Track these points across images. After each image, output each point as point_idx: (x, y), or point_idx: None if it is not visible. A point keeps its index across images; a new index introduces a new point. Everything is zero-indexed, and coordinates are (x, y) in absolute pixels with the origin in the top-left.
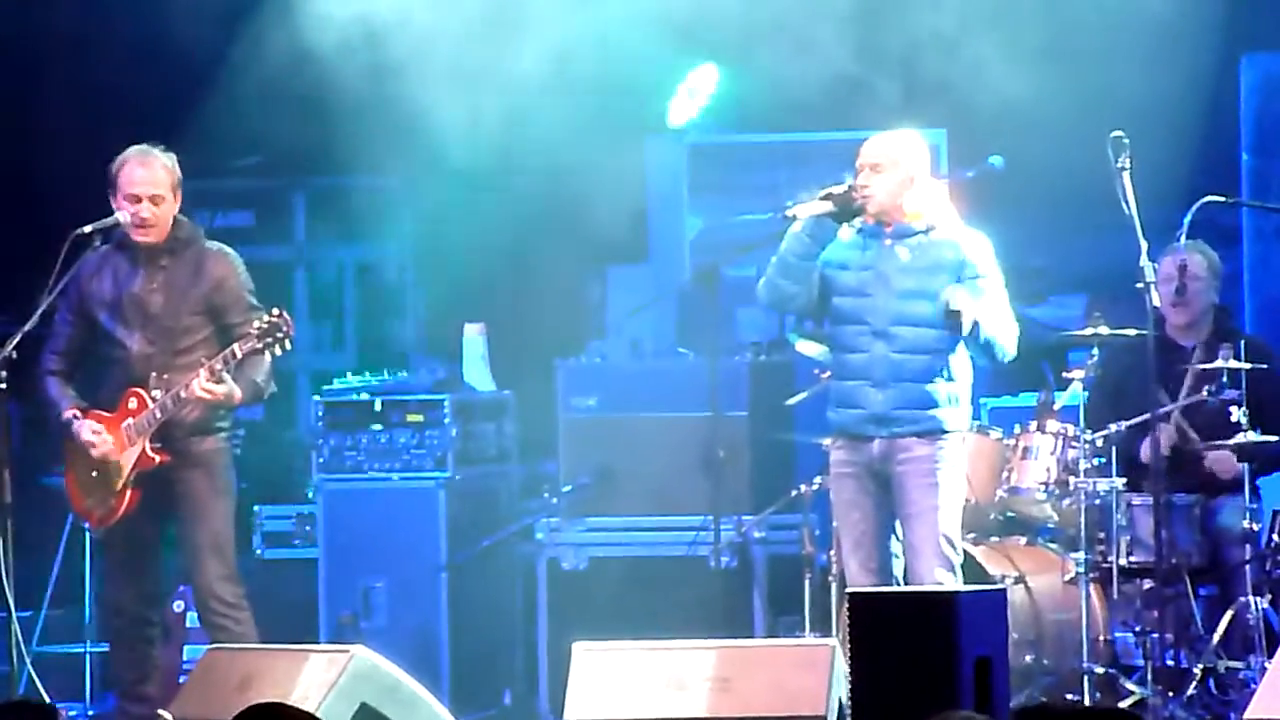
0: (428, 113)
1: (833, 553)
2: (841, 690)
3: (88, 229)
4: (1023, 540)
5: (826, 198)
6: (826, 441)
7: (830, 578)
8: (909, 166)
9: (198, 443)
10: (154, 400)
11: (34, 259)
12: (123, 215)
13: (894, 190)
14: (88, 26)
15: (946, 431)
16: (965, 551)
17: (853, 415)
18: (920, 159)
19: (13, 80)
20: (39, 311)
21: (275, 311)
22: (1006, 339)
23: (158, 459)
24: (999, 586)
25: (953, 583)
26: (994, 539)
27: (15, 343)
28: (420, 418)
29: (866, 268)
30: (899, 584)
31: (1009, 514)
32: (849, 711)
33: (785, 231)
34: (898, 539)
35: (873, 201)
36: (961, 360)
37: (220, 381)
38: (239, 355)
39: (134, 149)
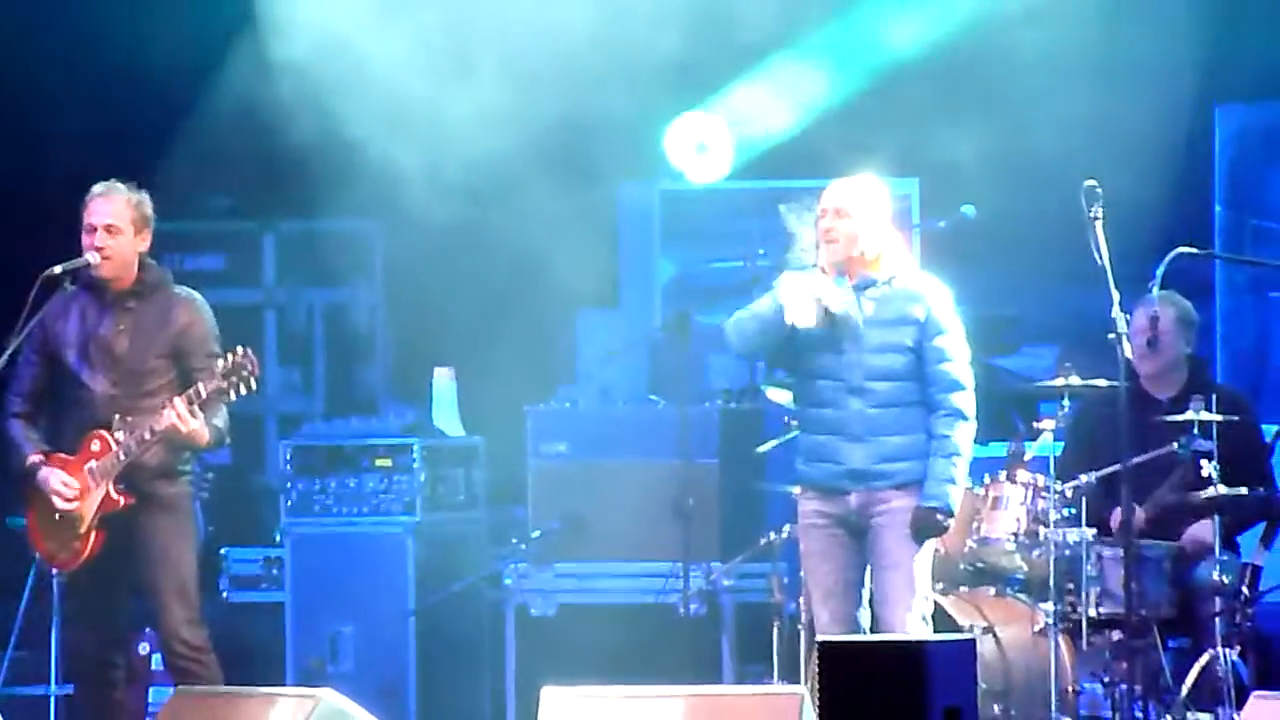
0: (398, 156)
1: (802, 600)
2: None
3: (57, 270)
4: (992, 590)
5: (818, 311)
6: (796, 490)
7: (799, 626)
8: (872, 212)
9: (162, 486)
10: (118, 442)
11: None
12: (91, 255)
13: (857, 236)
14: (53, 65)
15: (921, 481)
16: (935, 602)
17: (827, 470)
18: (882, 205)
19: None
20: (7, 353)
21: (239, 351)
22: (969, 454)
23: (122, 501)
24: (968, 636)
25: (924, 633)
26: (963, 589)
27: None
28: (389, 462)
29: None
30: (865, 633)
31: (978, 564)
32: None
33: (757, 279)
34: (863, 589)
35: (836, 248)
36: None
37: (194, 415)
38: (204, 394)
39: (100, 184)
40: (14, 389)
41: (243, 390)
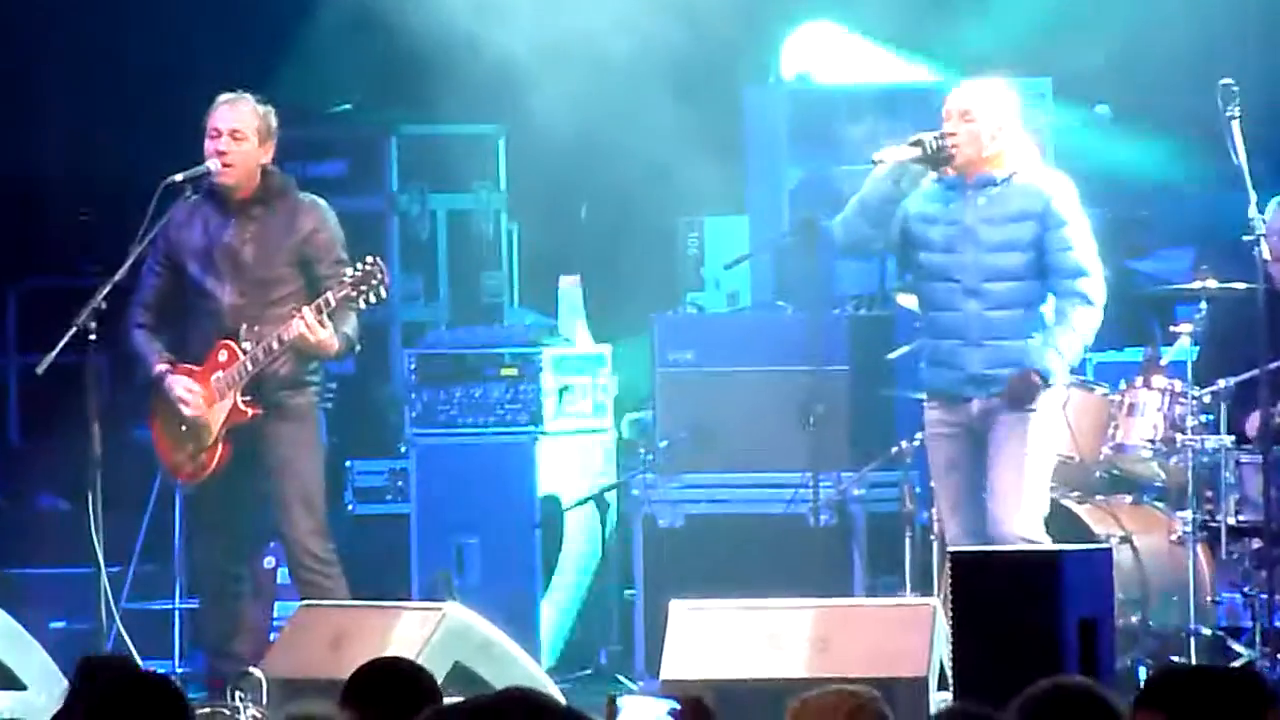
0: (524, 58)
1: (934, 511)
2: (943, 652)
3: (178, 177)
4: (1128, 499)
5: (916, 144)
6: (923, 396)
7: (931, 536)
8: (998, 116)
9: (289, 396)
10: (245, 352)
11: (124, 207)
12: (212, 163)
13: (983, 140)
14: None
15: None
16: (1069, 510)
17: (949, 376)
18: (1010, 108)
19: (102, 30)
20: (129, 262)
21: (369, 260)
22: (1089, 339)
23: (249, 413)
24: (1104, 546)
25: (1033, 532)
26: (1099, 497)
27: (105, 293)
28: (515, 372)
29: (952, 222)
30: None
31: (1114, 472)
32: (950, 673)
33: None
34: None
35: (960, 151)
36: (1052, 308)
37: (323, 325)
38: (333, 303)
39: (226, 94)
40: (137, 299)
41: (372, 299)
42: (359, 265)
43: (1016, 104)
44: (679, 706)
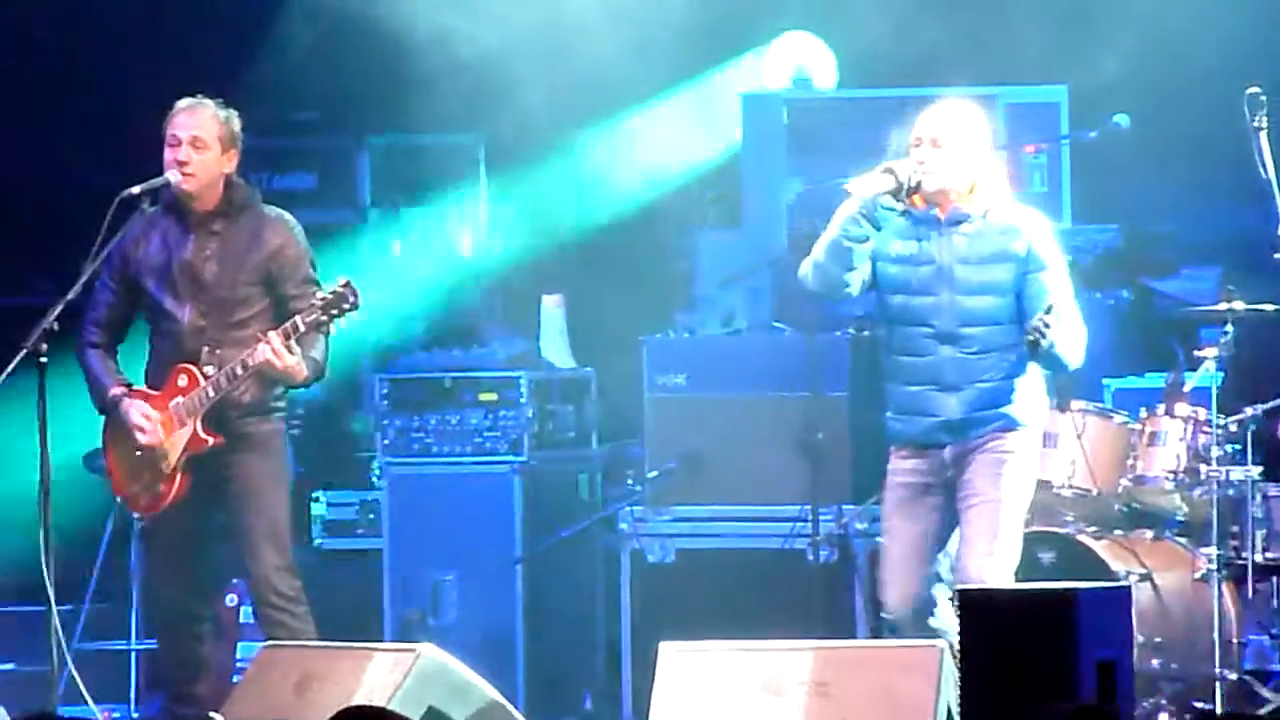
0: (505, 63)
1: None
2: (951, 697)
3: (136, 189)
4: (1149, 534)
5: (888, 172)
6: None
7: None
8: (972, 142)
9: (253, 424)
10: (206, 377)
11: (77, 222)
12: (172, 174)
13: (956, 169)
14: None
15: (1021, 425)
16: (1086, 546)
17: (922, 424)
18: (983, 134)
19: (52, 34)
20: (82, 279)
21: (342, 281)
22: (1075, 351)
23: (210, 441)
24: (1123, 584)
25: (1004, 582)
26: (1118, 532)
27: (57, 313)
28: (494, 397)
29: (925, 262)
30: (933, 599)
31: (1134, 505)
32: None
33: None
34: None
35: (932, 179)
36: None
37: (291, 351)
38: (302, 328)
39: (185, 99)
40: (90, 317)
41: (343, 323)
42: (330, 287)
43: (988, 128)
44: None
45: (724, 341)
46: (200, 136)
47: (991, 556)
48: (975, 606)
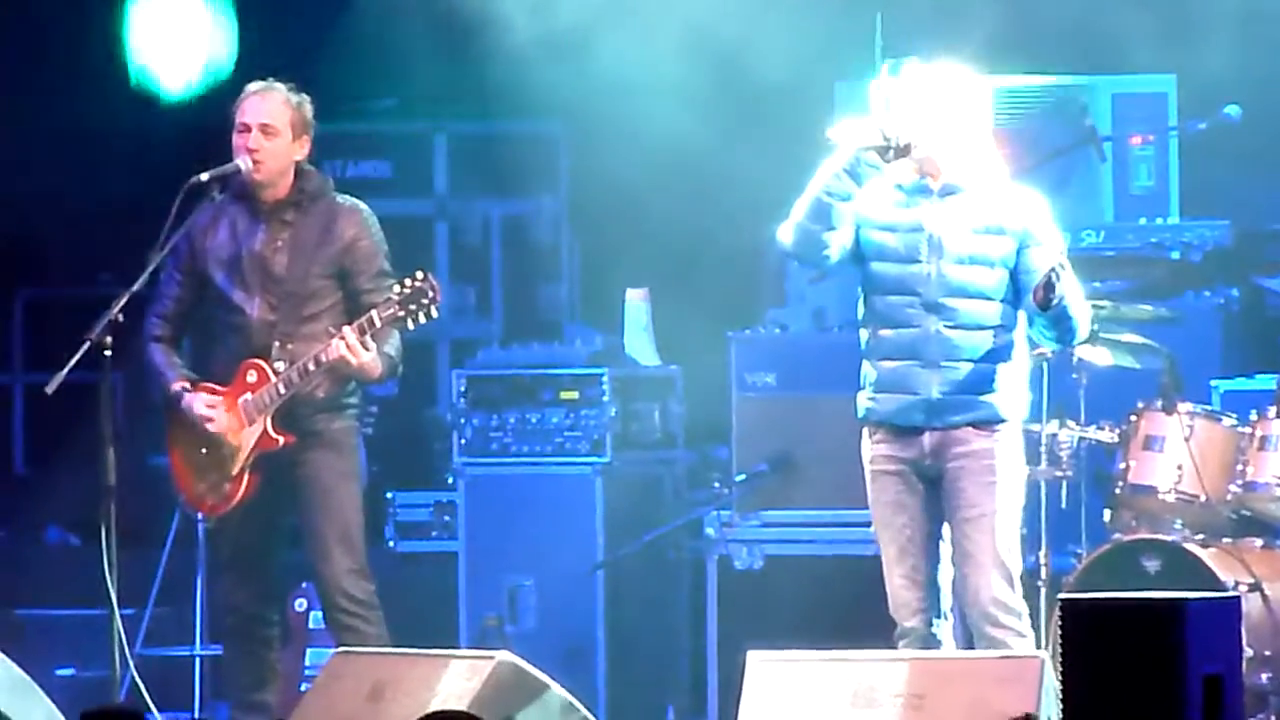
0: (590, 48)
1: (1042, 554)
2: (1052, 709)
3: (204, 176)
4: (1259, 542)
5: (875, 129)
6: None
7: (1039, 582)
8: (966, 110)
9: (325, 421)
10: (277, 374)
11: (146, 210)
12: (242, 160)
13: (947, 137)
14: None
15: (1004, 420)
16: (1194, 555)
17: (899, 402)
18: (979, 102)
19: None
20: (148, 270)
21: (420, 275)
22: (1083, 317)
23: (281, 440)
24: (1231, 595)
25: (1015, 598)
26: (1226, 540)
27: (122, 305)
28: (575, 395)
29: (914, 229)
30: (944, 599)
31: (1243, 512)
32: None
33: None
34: (942, 546)
35: (921, 146)
36: (1021, 339)
37: (366, 348)
38: (378, 324)
39: (255, 83)
40: (155, 310)
41: (422, 319)
42: (407, 281)
43: (985, 102)
44: None
45: (815, 339)
46: (270, 123)
47: (998, 571)
48: (1077, 615)
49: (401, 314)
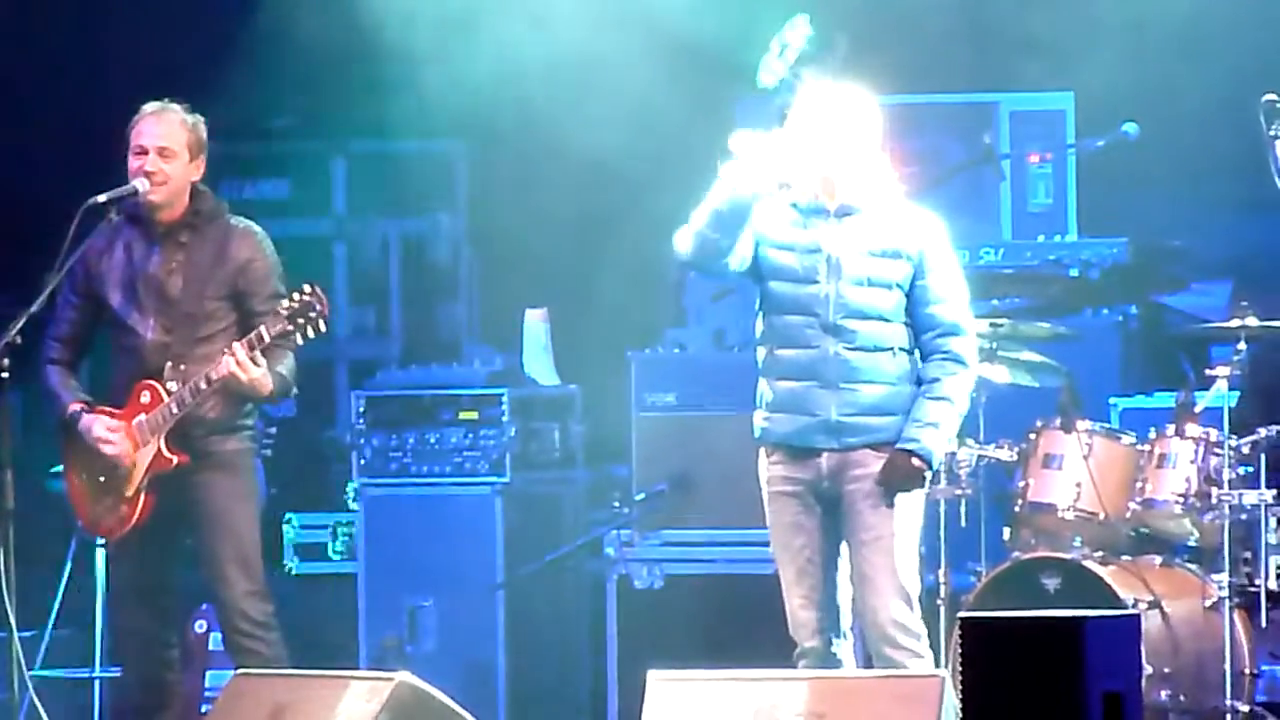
0: (484, 67)
1: (942, 572)
2: None
3: (102, 198)
4: (1158, 560)
5: (770, 140)
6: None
7: (939, 600)
8: (862, 131)
9: (219, 442)
10: (169, 394)
11: (41, 233)
12: (139, 182)
13: (842, 157)
14: None
15: None
16: (1093, 572)
17: (798, 424)
18: (874, 123)
19: (16, 31)
20: (45, 292)
21: (307, 288)
22: (964, 407)
23: (175, 460)
24: (1131, 612)
25: (914, 619)
26: (1125, 558)
27: (19, 327)
28: (475, 415)
29: (812, 250)
30: (843, 616)
31: (1142, 530)
32: None
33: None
34: (840, 566)
35: (813, 169)
36: (919, 362)
37: (256, 363)
38: (267, 338)
39: (151, 104)
40: (52, 332)
41: (311, 333)
42: (295, 295)
43: (877, 122)
44: None
45: (715, 358)
46: (168, 146)
47: (896, 594)
48: (977, 634)
49: (290, 328)
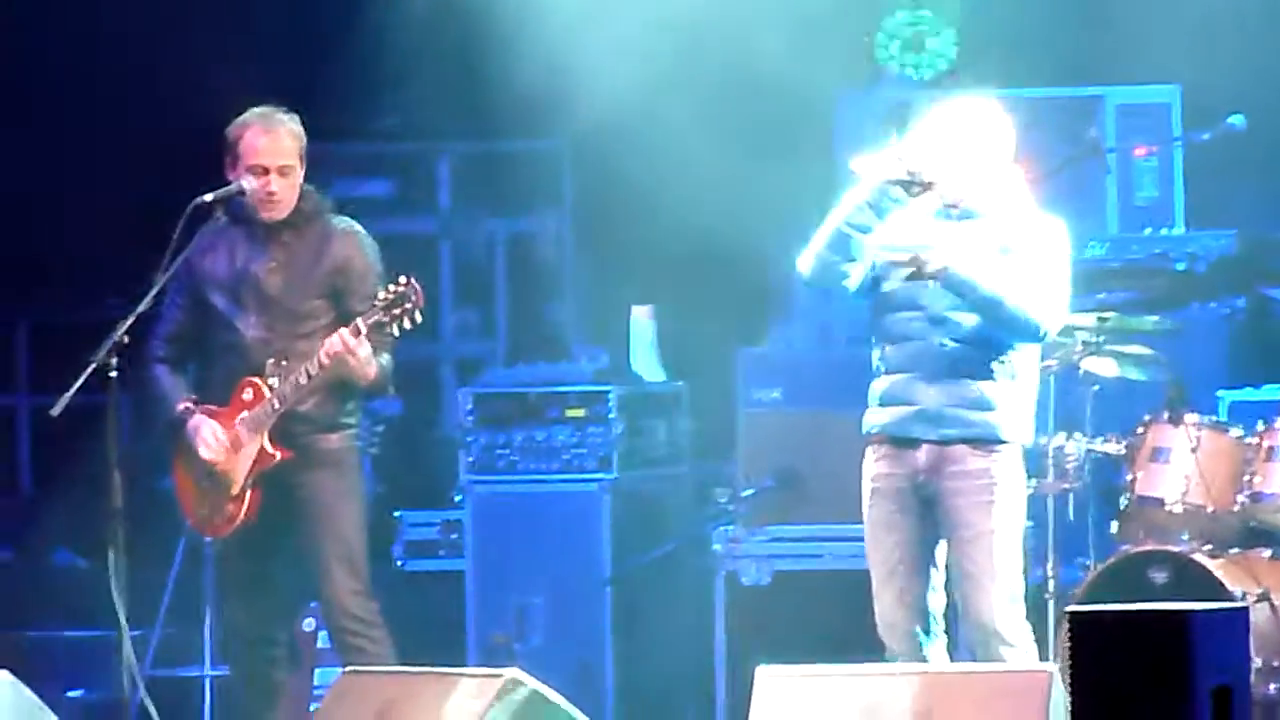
0: (591, 65)
1: (1050, 566)
2: None
3: (209, 197)
4: (1267, 553)
5: (897, 162)
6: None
7: (1046, 595)
8: (989, 142)
9: (323, 439)
10: (271, 390)
11: (148, 233)
12: (248, 182)
13: (971, 169)
14: None
15: (1003, 441)
16: (1202, 565)
17: (897, 414)
18: (1004, 134)
19: (119, 34)
20: (153, 291)
21: (402, 280)
22: (1034, 310)
23: (278, 455)
24: (1240, 605)
25: (1017, 618)
26: (1234, 551)
27: (127, 327)
28: (581, 412)
29: (924, 249)
30: (935, 622)
31: (1251, 523)
32: None
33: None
34: (934, 568)
35: (942, 181)
36: (1027, 360)
37: (361, 345)
38: (363, 330)
39: (255, 113)
40: (158, 332)
41: (407, 324)
42: (390, 286)
43: (1010, 129)
44: None
45: (822, 354)
46: (287, 163)
47: (1000, 592)
48: (1085, 628)
49: (386, 320)
